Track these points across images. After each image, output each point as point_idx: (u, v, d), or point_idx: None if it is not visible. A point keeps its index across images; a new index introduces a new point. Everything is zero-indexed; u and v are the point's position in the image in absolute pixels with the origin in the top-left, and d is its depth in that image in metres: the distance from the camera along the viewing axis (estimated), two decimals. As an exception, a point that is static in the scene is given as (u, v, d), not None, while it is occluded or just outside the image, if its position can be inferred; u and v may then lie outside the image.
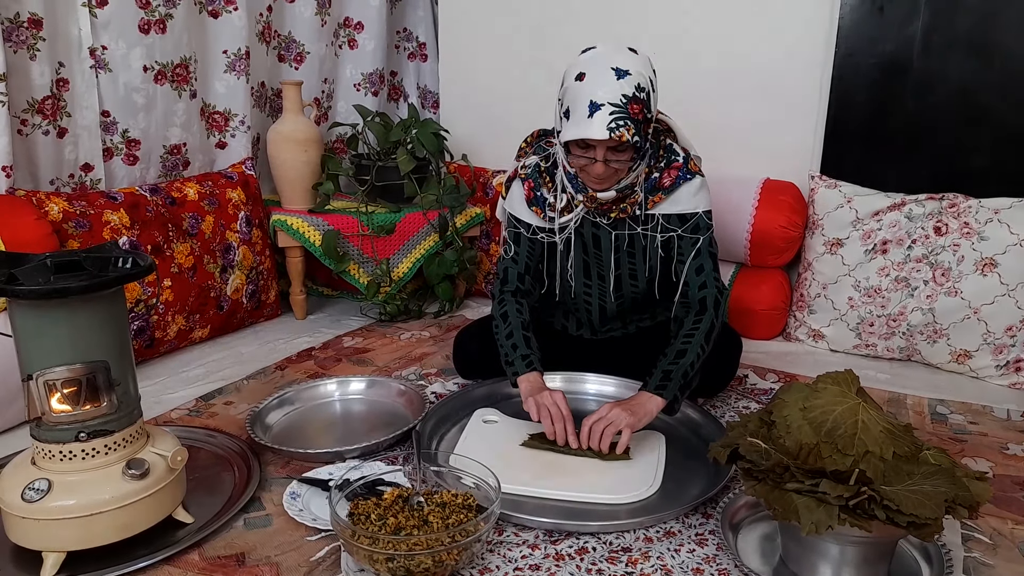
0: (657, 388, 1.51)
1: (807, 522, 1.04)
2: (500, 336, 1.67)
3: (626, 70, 1.43)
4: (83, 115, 2.06)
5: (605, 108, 1.41)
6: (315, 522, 1.31)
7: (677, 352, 1.55)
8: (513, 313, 1.68)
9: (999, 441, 1.69)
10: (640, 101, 1.44)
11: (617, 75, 1.42)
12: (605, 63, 1.44)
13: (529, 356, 1.62)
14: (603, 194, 1.55)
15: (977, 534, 1.33)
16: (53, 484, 1.17)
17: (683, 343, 1.56)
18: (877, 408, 1.15)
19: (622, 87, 1.42)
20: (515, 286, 1.72)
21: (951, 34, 2.11)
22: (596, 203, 1.58)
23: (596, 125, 1.41)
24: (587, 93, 1.42)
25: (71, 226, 1.87)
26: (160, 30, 2.16)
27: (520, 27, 2.65)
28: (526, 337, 1.65)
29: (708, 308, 1.61)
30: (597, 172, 1.50)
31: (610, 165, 1.49)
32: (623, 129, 1.41)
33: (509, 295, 1.71)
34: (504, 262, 1.74)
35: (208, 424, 1.70)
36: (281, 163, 2.43)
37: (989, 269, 1.99)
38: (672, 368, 1.53)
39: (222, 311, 2.24)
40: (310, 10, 2.60)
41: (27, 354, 1.16)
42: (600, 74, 1.43)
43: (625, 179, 1.55)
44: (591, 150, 1.48)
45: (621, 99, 1.42)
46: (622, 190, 1.56)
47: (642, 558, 1.25)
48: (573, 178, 1.59)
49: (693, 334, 1.57)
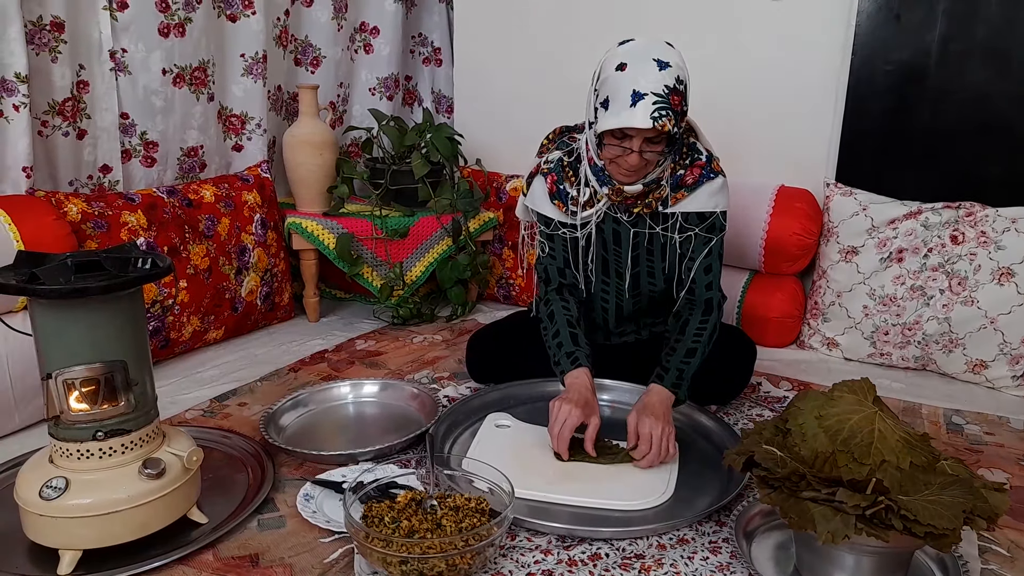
0: (674, 386, 1.54)
1: (823, 531, 1.03)
2: (547, 337, 1.66)
3: (667, 62, 1.44)
4: (102, 117, 2.08)
5: (648, 98, 1.41)
6: (328, 524, 1.32)
7: (688, 350, 1.57)
8: (559, 311, 1.66)
9: (1016, 452, 1.67)
10: (680, 93, 1.45)
11: (659, 66, 1.43)
12: (647, 54, 1.45)
13: (575, 353, 1.60)
14: (630, 187, 1.55)
15: (994, 546, 1.31)
16: (70, 482, 1.18)
17: (693, 342, 1.58)
18: (894, 417, 1.14)
19: (664, 78, 1.43)
20: (558, 283, 1.72)
21: (968, 42, 2.10)
22: (621, 196, 1.58)
23: (639, 114, 1.41)
24: (629, 83, 1.43)
25: (89, 227, 1.89)
26: (179, 34, 2.18)
27: (535, 33, 2.66)
28: (573, 335, 1.63)
29: (713, 309, 1.63)
30: (632, 163, 1.49)
31: (644, 156, 1.49)
32: (665, 119, 1.42)
33: (554, 293, 1.71)
34: (542, 262, 1.74)
35: (222, 425, 1.70)
36: (296, 166, 2.44)
37: (1006, 278, 1.97)
38: (685, 367, 1.56)
39: (236, 312, 2.25)
40: (327, 15, 2.62)
41: (47, 353, 1.17)
42: (642, 64, 1.44)
43: (652, 172, 1.55)
44: (627, 140, 1.48)
45: (663, 89, 1.42)
46: (648, 184, 1.56)
47: (655, 565, 1.24)
48: (600, 171, 1.58)
49: (702, 334, 1.59)
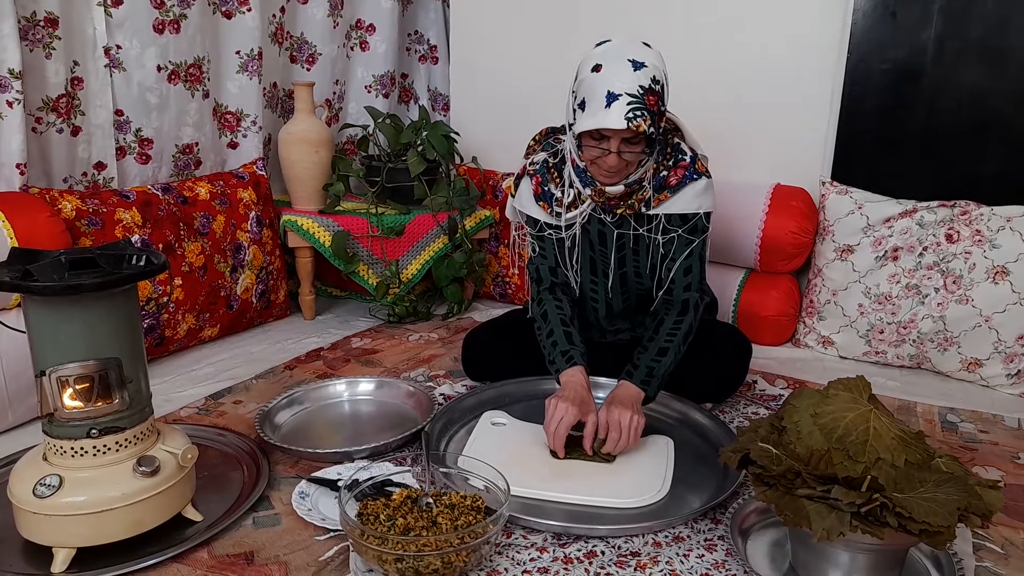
0: (643, 383, 1.55)
1: (818, 528, 1.03)
2: (541, 336, 1.66)
3: (642, 62, 1.44)
4: (97, 114, 2.07)
5: (623, 99, 1.41)
6: (324, 522, 1.31)
7: (660, 349, 1.58)
8: (552, 310, 1.67)
9: (1010, 450, 1.68)
10: (656, 93, 1.45)
11: (634, 67, 1.43)
12: (621, 55, 1.45)
13: (569, 351, 1.60)
14: (612, 188, 1.56)
15: (988, 543, 1.32)
16: (64, 480, 1.17)
17: (666, 341, 1.59)
18: (889, 415, 1.15)
19: (639, 78, 1.43)
20: (550, 282, 1.73)
21: (964, 41, 2.10)
22: (604, 197, 1.59)
23: (614, 115, 1.42)
24: (604, 84, 1.43)
25: (83, 224, 1.88)
26: (174, 30, 2.17)
27: (531, 31, 2.65)
28: (567, 333, 1.63)
29: (689, 310, 1.63)
30: (610, 164, 1.50)
31: (623, 157, 1.49)
32: (640, 119, 1.42)
33: (547, 292, 1.71)
34: (534, 262, 1.74)
35: (217, 423, 1.70)
36: (292, 163, 2.44)
37: (1001, 277, 1.98)
38: (655, 365, 1.57)
39: (232, 310, 2.25)
40: (323, 12, 2.61)
41: (41, 350, 1.17)
42: (617, 65, 1.44)
43: (634, 173, 1.56)
44: (605, 141, 1.48)
45: (638, 90, 1.42)
46: (630, 185, 1.56)
47: (651, 563, 1.24)
48: (582, 172, 1.59)
49: (675, 334, 1.59)
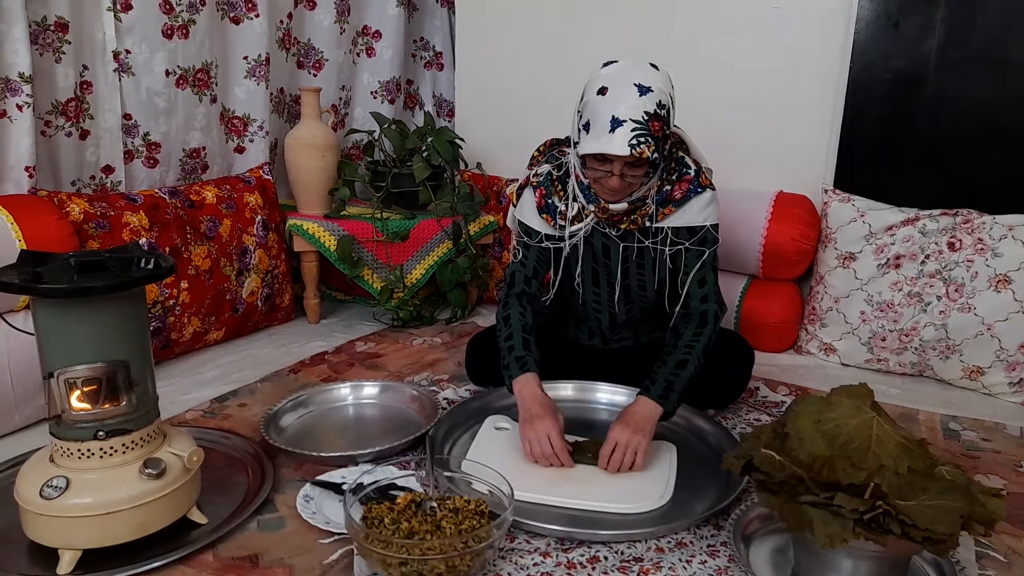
0: (660, 397, 1.52)
1: (822, 535, 1.04)
2: (500, 340, 1.66)
3: (648, 87, 1.43)
4: (105, 118, 2.09)
5: (627, 124, 1.40)
6: (328, 525, 1.32)
7: (678, 362, 1.56)
8: (516, 316, 1.66)
9: (1012, 459, 1.68)
10: (661, 118, 1.44)
11: (640, 92, 1.42)
12: (628, 78, 1.43)
13: (524, 358, 1.59)
14: (615, 205, 1.56)
15: (991, 552, 1.32)
16: (71, 482, 1.18)
17: (684, 354, 1.57)
18: (891, 422, 1.15)
19: (644, 104, 1.42)
20: (521, 288, 1.71)
21: (966, 50, 2.11)
22: (607, 214, 1.59)
23: (617, 141, 1.41)
24: (609, 108, 1.42)
25: (91, 227, 1.90)
26: (183, 35, 2.18)
27: (536, 38, 2.67)
28: (525, 340, 1.62)
29: (708, 322, 1.61)
30: (612, 185, 1.50)
31: (625, 179, 1.49)
32: (644, 146, 1.41)
33: (514, 298, 1.70)
34: (512, 266, 1.74)
35: (222, 426, 1.71)
36: (298, 168, 2.45)
37: (1003, 285, 1.98)
38: (674, 379, 1.54)
39: (237, 314, 2.26)
40: (329, 18, 2.63)
41: (49, 352, 1.18)
42: (623, 90, 1.42)
43: (637, 192, 1.56)
44: (608, 163, 1.48)
45: (643, 116, 1.41)
46: (634, 202, 1.57)
47: (653, 568, 1.25)
48: (586, 188, 1.59)
49: (694, 346, 1.58)
